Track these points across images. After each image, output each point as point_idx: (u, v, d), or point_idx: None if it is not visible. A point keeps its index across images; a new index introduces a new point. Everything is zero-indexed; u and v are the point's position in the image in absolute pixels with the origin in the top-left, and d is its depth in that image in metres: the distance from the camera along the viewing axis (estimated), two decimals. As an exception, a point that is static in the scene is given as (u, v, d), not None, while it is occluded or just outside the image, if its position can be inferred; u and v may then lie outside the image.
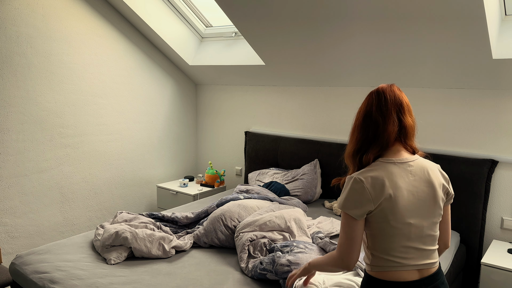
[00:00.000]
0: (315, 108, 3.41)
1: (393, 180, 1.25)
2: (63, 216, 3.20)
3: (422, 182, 1.28)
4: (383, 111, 1.29)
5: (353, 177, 1.26)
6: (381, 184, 1.23)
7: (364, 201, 1.23)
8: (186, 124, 4.23)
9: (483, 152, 2.64)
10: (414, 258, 1.26)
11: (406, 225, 1.24)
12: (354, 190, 1.25)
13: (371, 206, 1.23)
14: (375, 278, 1.28)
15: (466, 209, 2.59)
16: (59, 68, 3.05)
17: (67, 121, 3.14)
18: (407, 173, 1.28)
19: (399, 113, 1.30)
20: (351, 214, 1.24)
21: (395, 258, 1.25)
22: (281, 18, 2.67)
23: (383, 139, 1.29)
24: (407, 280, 1.25)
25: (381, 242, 1.26)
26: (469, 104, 2.67)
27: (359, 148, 1.32)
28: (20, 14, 2.78)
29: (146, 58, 3.71)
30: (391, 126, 1.28)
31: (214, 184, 3.77)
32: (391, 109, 1.29)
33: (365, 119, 1.32)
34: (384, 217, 1.24)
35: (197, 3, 3.56)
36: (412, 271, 1.27)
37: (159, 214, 2.58)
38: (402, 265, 1.25)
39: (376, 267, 1.28)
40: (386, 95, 1.31)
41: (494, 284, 2.21)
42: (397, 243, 1.25)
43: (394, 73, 2.80)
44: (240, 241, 2.17)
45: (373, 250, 1.29)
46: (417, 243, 1.26)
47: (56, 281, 1.85)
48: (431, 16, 2.19)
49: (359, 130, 1.33)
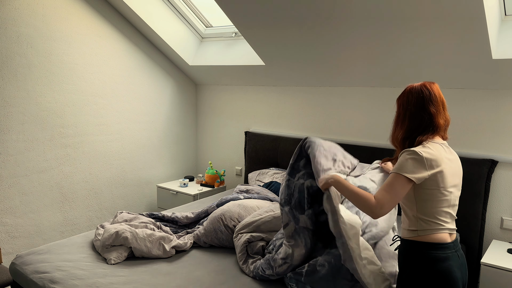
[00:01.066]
0: (315, 108, 3.41)
1: (442, 156, 1.51)
2: (63, 216, 3.20)
3: (455, 160, 1.58)
4: (435, 106, 1.54)
5: (414, 150, 1.49)
6: (435, 159, 1.48)
7: (422, 169, 1.47)
8: (186, 124, 4.23)
9: (483, 152, 2.64)
10: (449, 223, 1.53)
11: (449, 193, 1.51)
12: (414, 159, 1.48)
13: (426, 174, 1.47)
14: (419, 242, 1.50)
15: (466, 209, 2.59)
16: (59, 68, 3.05)
17: (67, 121, 3.15)
18: (447, 152, 1.55)
19: (443, 109, 1.57)
20: (409, 176, 1.46)
21: (439, 221, 1.50)
22: (281, 19, 2.67)
23: (436, 127, 1.55)
24: (446, 241, 1.50)
25: (430, 207, 1.50)
26: (469, 104, 2.67)
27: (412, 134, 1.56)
28: (20, 14, 2.78)
29: (146, 58, 3.72)
30: (442, 120, 1.55)
31: (214, 184, 3.77)
32: (440, 104, 1.56)
33: (418, 110, 1.55)
34: (436, 184, 1.49)
35: (197, 3, 3.56)
36: (447, 234, 1.52)
37: (159, 214, 2.58)
38: (443, 228, 1.51)
39: (423, 231, 1.51)
40: (434, 91, 1.55)
41: (494, 284, 2.21)
42: (441, 207, 1.51)
43: (394, 73, 2.80)
44: (238, 242, 2.18)
45: (422, 214, 1.51)
46: (451, 209, 1.54)
47: (56, 281, 1.85)
48: (431, 17, 2.19)
49: (411, 118, 1.57)
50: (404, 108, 1.59)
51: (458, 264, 1.51)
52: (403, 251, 1.57)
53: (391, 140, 1.66)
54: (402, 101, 1.60)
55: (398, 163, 1.51)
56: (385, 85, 2.98)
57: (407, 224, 1.57)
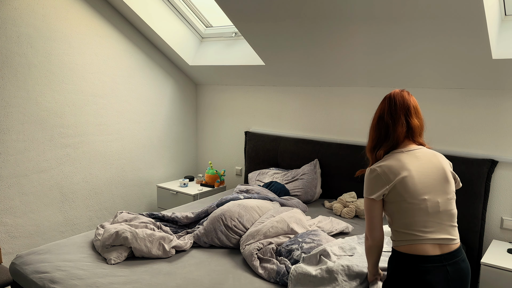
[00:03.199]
0: (315, 108, 3.41)
1: (403, 165, 1.48)
2: (63, 216, 3.20)
3: (429, 164, 1.51)
4: (393, 115, 1.55)
5: (370, 168, 1.54)
6: (392, 170, 1.47)
7: (380, 184, 1.48)
8: (186, 124, 4.23)
9: (483, 152, 2.64)
10: (433, 232, 1.43)
11: (422, 201, 1.45)
12: (370, 178, 1.52)
13: (385, 188, 1.47)
14: (401, 252, 1.47)
15: (466, 209, 2.59)
16: (59, 68, 3.05)
17: (67, 121, 3.15)
18: (414, 158, 1.51)
19: (406, 116, 1.55)
20: (370, 197, 1.50)
21: (415, 231, 1.44)
22: (281, 19, 2.67)
23: (394, 138, 1.54)
24: (428, 254, 1.41)
25: (401, 218, 1.47)
26: (469, 104, 2.67)
27: (375, 145, 1.59)
28: (20, 14, 2.78)
29: (146, 58, 3.72)
30: (400, 128, 1.54)
31: (214, 184, 3.77)
32: (400, 113, 1.54)
33: (379, 121, 1.59)
34: (400, 196, 1.46)
35: (197, 3, 3.56)
36: (433, 246, 1.42)
37: (159, 214, 2.58)
38: (422, 238, 1.43)
39: (400, 241, 1.48)
40: (396, 100, 1.56)
41: (494, 284, 2.21)
42: (416, 217, 1.44)
43: (394, 73, 2.80)
44: (247, 252, 2.14)
45: (395, 226, 1.50)
46: (435, 218, 1.45)
47: (56, 281, 1.85)
48: (431, 16, 2.19)
49: (374, 130, 1.60)
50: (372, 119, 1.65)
51: (443, 279, 1.39)
52: (389, 259, 1.57)
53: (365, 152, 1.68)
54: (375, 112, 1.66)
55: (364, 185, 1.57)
56: (385, 85, 2.98)
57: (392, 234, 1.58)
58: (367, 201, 1.54)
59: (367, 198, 1.53)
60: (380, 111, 1.60)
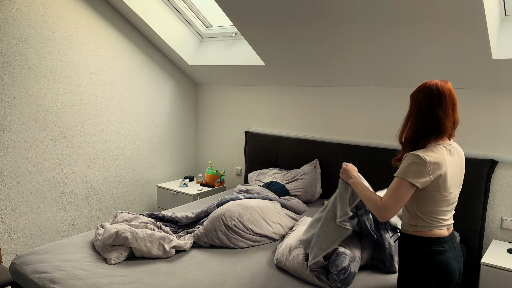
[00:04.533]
0: (315, 108, 3.41)
1: (444, 159, 1.53)
2: (63, 216, 3.20)
3: (457, 160, 1.62)
4: (444, 109, 1.55)
5: (417, 154, 1.52)
6: (438, 163, 1.52)
7: (425, 173, 1.50)
8: (186, 124, 4.23)
9: (482, 152, 2.64)
10: (448, 219, 1.61)
11: (449, 194, 1.57)
12: (417, 164, 1.51)
13: (429, 178, 1.51)
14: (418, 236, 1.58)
15: (466, 209, 2.59)
16: (59, 68, 3.05)
17: (67, 121, 3.15)
18: (449, 154, 1.58)
19: (453, 111, 1.58)
20: (412, 182, 1.50)
21: (437, 219, 1.57)
22: (281, 19, 2.67)
23: (443, 131, 1.56)
24: (443, 236, 1.58)
25: (429, 206, 1.56)
26: (469, 104, 2.67)
27: (419, 135, 1.58)
28: (20, 14, 2.78)
29: (146, 58, 3.72)
30: (449, 122, 1.57)
31: (214, 184, 3.77)
32: (449, 106, 1.56)
33: (427, 112, 1.56)
34: (437, 187, 1.53)
35: (197, 3, 3.56)
36: (445, 229, 1.60)
37: (159, 214, 2.58)
38: (441, 224, 1.58)
39: (422, 227, 1.58)
40: (446, 93, 1.56)
41: (494, 284, 2.21)
42: (442, 207, 1.57)
43: (394, 73, 2.80)
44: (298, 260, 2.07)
45: (420, 212, 1.57)
46: (451, 207, 1.61)
47: (56, 281, 1.85)
48: (431, 16, 2.19)
49: (420, 119, 1.58)
50: (416, 107, 1.60)
51: (454, 255, 1.59)
52: (403, 245, 1.64)
53: (399, 137, 1.67)
54: (415, 99, 1.61)
55: (402, 167, 1.55)
56: (385, 85, 2.99)
57: (407, 218, 1.63)
58: (403, 182, 1.52)
59: (405, 181, 1.51)
60: (428, 101, 1.56)
